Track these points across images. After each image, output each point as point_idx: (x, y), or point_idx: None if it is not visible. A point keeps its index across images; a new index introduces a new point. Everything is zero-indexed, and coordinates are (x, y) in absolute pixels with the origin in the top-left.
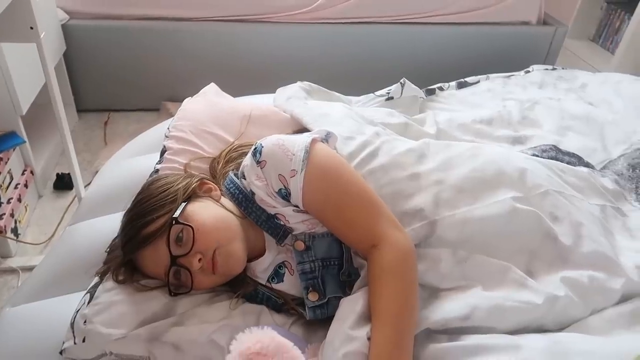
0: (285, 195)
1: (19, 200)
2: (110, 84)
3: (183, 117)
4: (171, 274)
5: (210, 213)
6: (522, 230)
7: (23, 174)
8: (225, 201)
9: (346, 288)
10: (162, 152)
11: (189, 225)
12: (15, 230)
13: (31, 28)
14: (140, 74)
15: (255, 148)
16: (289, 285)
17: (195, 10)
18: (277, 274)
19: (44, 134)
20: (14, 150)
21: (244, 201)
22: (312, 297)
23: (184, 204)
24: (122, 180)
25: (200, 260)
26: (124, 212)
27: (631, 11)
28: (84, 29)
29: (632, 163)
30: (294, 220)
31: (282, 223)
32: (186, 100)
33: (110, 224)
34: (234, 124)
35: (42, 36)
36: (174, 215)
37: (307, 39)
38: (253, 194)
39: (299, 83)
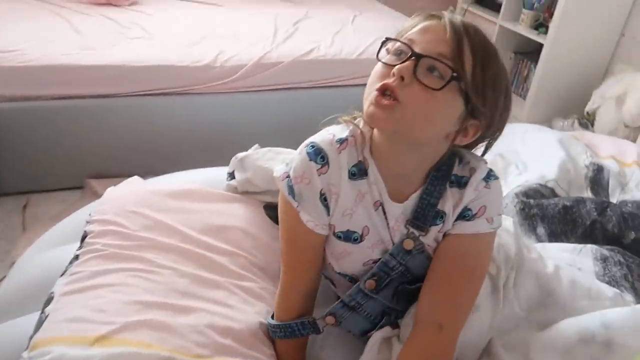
0: (463, 216)
1: None
2: (29, 165)
3: (106, 201)
4: (399, 44)
5: (447, 109)
6: None
7: None
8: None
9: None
10: (83, 238)
11: (457, 79)
12: None
13: None
14: (60, 153)
15: (490, 172)
16: (361, 251)
17: (114, 86)
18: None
19: None
20: None
21: (446, 168)
22: (369, 285)
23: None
24: (38, 277)
25: (402, 79)
26: None
27: (536, 61)
28: None
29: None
30: (434, 236)
31: (438, 214)
32: (109, 188)
33: (24, 328)
34: (160, 201)
35: None
36: (458, 73)
37: (233, 107)
38: (463, 184)
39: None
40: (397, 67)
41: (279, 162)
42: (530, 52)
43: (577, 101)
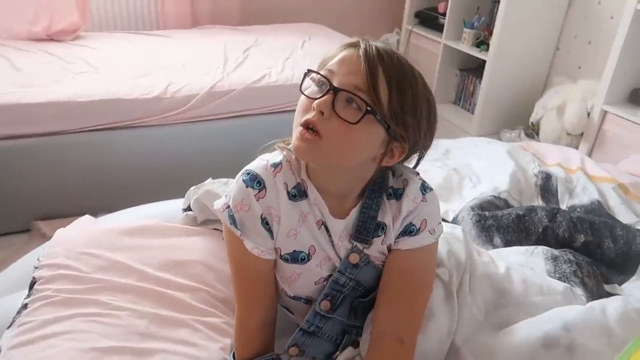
0: (408, 232)
1: None
2: None
3: (55, 243)
4: (319, 76)
5: (368, 138)
6: None
7: None
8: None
9: (346, 335)
10: (32, 285)
11: (372, 112)
12: None
13: None
14: (4, 194)
15: (424, 184)
16: (310, 271)
17: (59, 124)
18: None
19: None
20: None
21: (380, 181)
22: (325, 306)
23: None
24: None
25: (322, 113)
26: None
27: (480, 76)
28: None
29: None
30: (378, 248)
31: (379, 226)
32: (58, 230)
33: None
34: (113, 240)
35: None
36: (371, 106)
37: (186, 138)
38: (399, 195)
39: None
40: (316, 102)
41: None
42: (475, 68)
43: (521, 113)
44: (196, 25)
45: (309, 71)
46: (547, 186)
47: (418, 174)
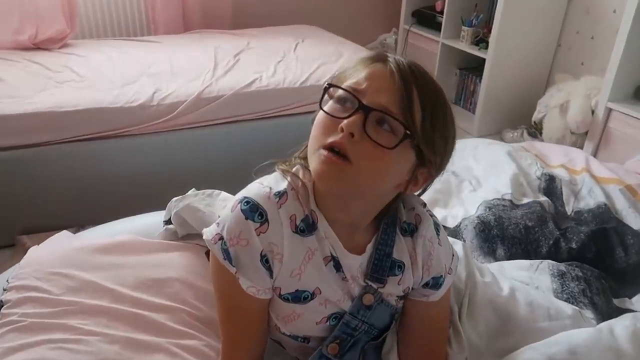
0: (438, 285)
1: None
2: None
3: (26, 264)
4: (345, 93)
5: (400, 164)
6: None
7: None
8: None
9: None
10: None
11: (410, 136)
12: None
13: None
14: None
15: (435, 221)
16: (312, 310)
17: (42, 135)
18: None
19: None
20: None
21: (394, 213)
22: (332, 350)
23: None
24: None
25: (351, 135)
26: None
27: (480, 75)
28: None
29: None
30: (393, 288)
31: (395, 264)
32: (31, 249)
33: None
34: (87, 259)
35: None
36: (410, 130)
37: (174, 146)
38: (411, 232)
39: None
40: (345, 122)
41: (218, 207)
42: (475, 67)
43: (523, 111)
44: (188, 30)
45: (330, 86)
46: (551, 188)
47: (425, 204)
